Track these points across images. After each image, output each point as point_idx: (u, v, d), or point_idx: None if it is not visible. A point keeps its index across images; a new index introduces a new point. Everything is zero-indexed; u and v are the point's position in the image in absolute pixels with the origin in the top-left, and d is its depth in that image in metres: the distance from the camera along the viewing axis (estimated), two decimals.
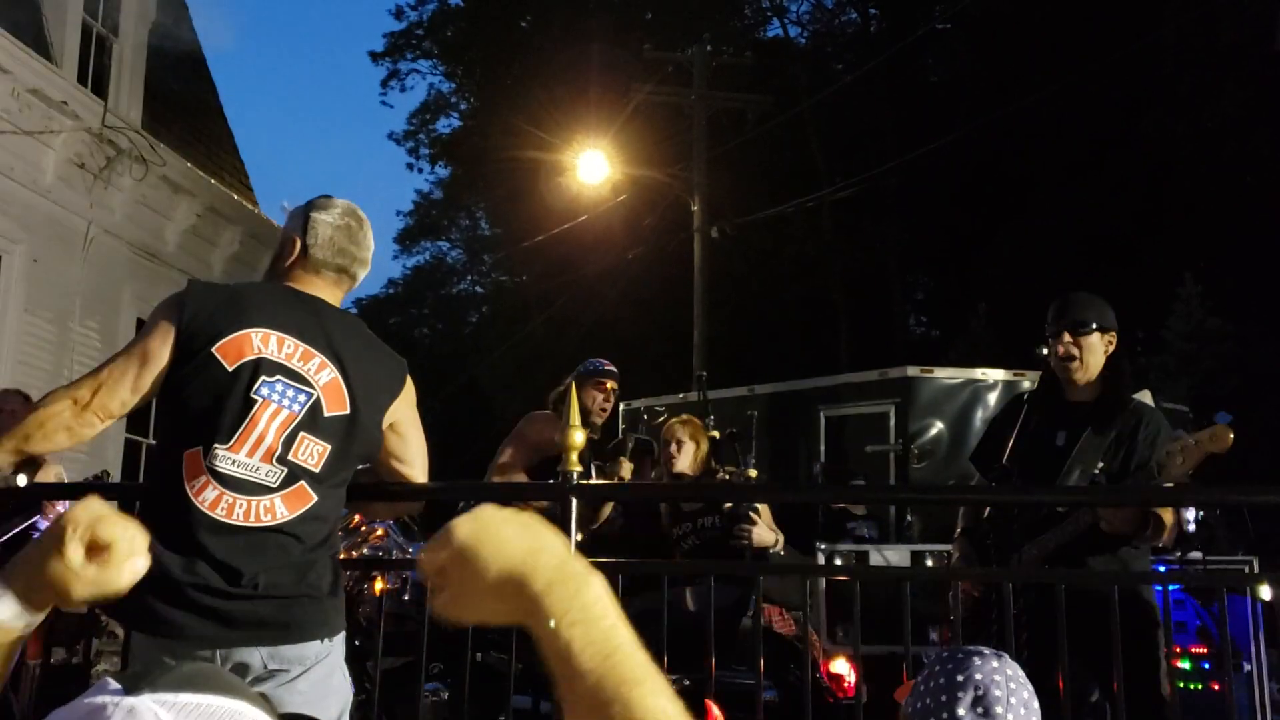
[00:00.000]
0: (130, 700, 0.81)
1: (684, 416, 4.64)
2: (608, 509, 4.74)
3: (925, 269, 25.29)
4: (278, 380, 2.39)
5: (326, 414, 2.42)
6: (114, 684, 0.84)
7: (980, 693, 1.79)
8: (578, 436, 2.46)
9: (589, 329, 22.81)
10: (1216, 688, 4.70)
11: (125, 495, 5.35)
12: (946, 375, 7.88)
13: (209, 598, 2.25)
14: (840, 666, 4.73)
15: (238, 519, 2.30)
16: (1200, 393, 13.19)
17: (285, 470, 2.36)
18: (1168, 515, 3.37)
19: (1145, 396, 3.55)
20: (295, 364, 2.42)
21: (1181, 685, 4.40)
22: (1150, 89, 17.89)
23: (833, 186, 17.55)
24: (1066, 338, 3.53)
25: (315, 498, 2.39)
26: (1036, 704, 1.85)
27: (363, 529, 3.61)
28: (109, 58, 11.14)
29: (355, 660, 3.88)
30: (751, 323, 20.98)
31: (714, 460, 4.48)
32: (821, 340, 21.63)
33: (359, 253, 2.59)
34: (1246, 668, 4.72)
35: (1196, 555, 5.21)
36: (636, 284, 21.54)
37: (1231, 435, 3.20)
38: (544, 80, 24.47)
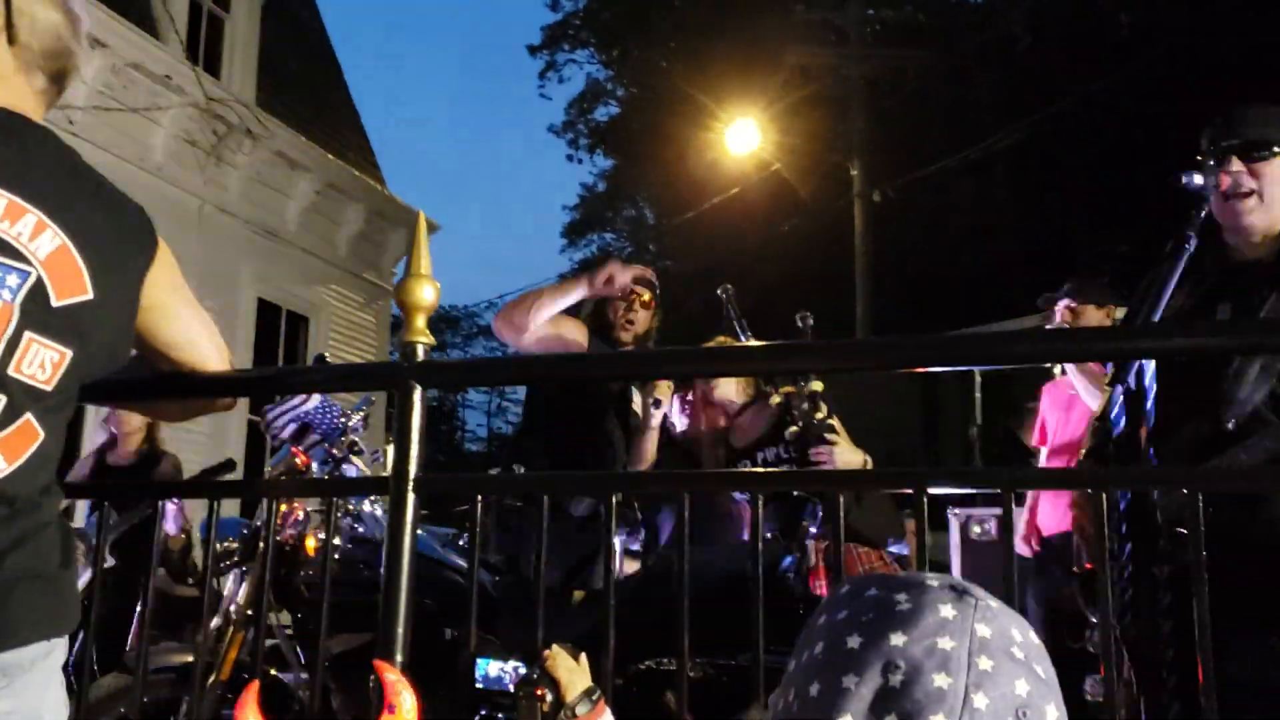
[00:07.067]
0: None
1: (718, 339, 3.72)
2: (651, 447, 3.91)
3: (1120, 233, 23.31)
4: None
5: (57, 302, 1.58)
6: None
7: (896, 681, 0.81)
8: (425, 292, 1.61)
9: (747, 308, 21.84)
10: None
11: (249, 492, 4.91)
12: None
13: None
14: None
15: None
16: None
17: (3, 399, 1.53)
18: None
19: None
20: None
21: None
22: None
23: (1001, 134, 16.06)
24: (1235, 164, 2.36)
25: (42, 433, 1.57)
26: (1052, 707, 0.86)
27: (297, 461, 2.80)
28: (223, 35, 10.93)
29: (300, 640, 3.15)
30: (921, 297, 19.63)
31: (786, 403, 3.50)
32: (1000, 314, 20.06)
33: (80, 56, 1.70)
34: None
35: None
36: (795, 259, 20.50)
37: None
38: (698, 57, 23.72)
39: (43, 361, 1.55)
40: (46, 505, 1.58)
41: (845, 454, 3.15)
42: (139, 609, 2.90)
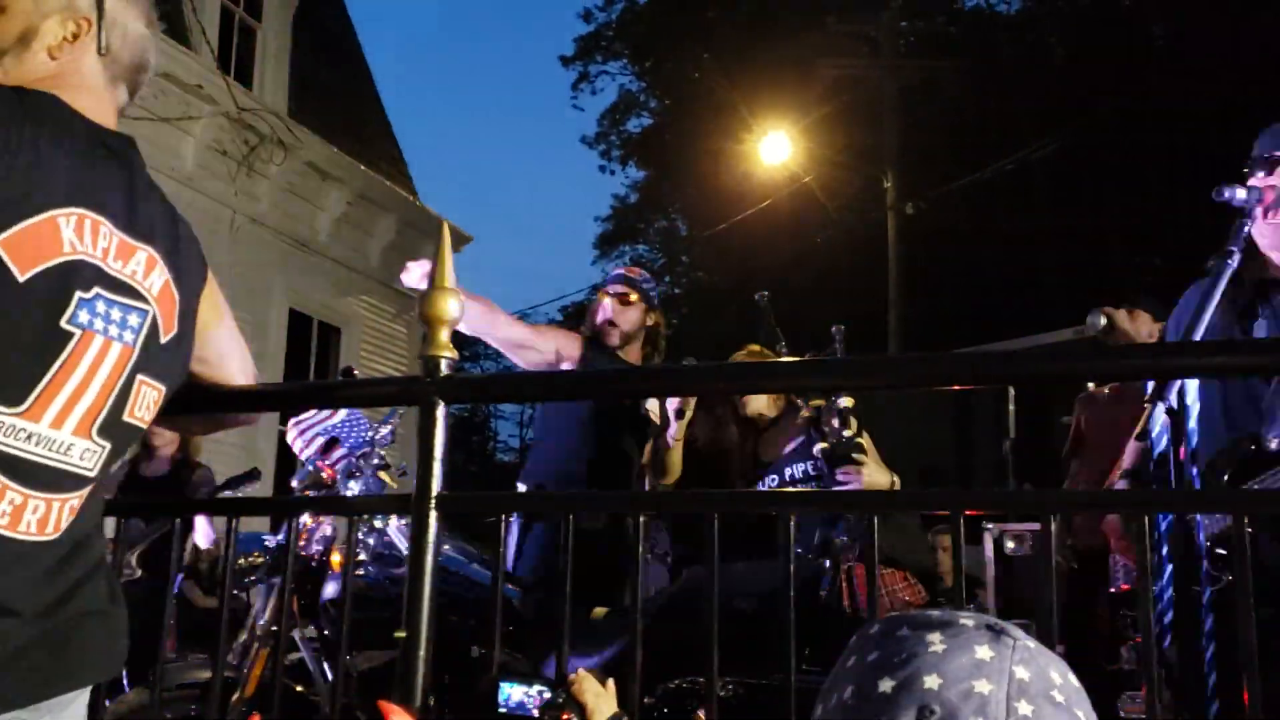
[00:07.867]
0: None
1: (751, 347, 3.66)
2: (678, 459, 3.86)
3: (1154, 248, 23.02)
4: (97, 296, 1.40)
5: (163, 339, 1.51)
6: None
7: None
8: (450, 305, 1.57)
9: (781, 318, 21.76)
10: None
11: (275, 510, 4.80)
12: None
13: None
14: None
15: (26, 531, 1.34)
16: None
17: (108, 446, 1.45)
18: None
19: None
20: (113, 265, 1.43)
21: None
22: None
23: (1037, 145, 15.92)
24: None
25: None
26: None
27: (324, 475, 2.77)
28: (255, 45, 10.99)
29: (326, 656, 3.11)
30: (956, 308, 19.49)
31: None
32: (1036, 326, 19.86)
33: (152, 70, 1.62)
34: None
35: None
36: (829, 269, 20.42)
37: None
38: (731, 69, 23.71)
39: (149, 403, 1.51)
40: (98, 540, 1.52)
41: (872, 474, 3.06)
42: (168, 622, 2.88)
